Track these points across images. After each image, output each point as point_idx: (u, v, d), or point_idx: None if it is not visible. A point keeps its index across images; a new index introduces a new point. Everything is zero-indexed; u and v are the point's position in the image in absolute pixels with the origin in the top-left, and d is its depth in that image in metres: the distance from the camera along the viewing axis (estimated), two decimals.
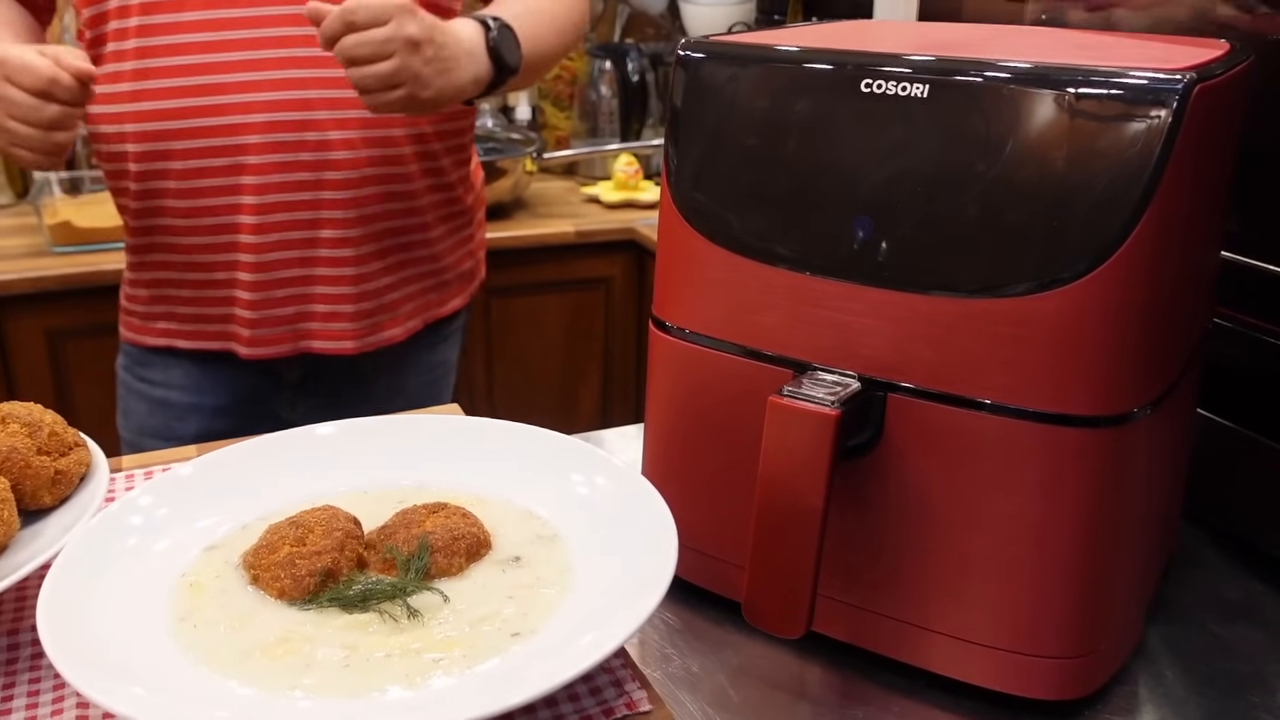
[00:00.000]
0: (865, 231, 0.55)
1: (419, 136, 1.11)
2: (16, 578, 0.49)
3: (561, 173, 2.33)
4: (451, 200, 1.19)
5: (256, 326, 1.07)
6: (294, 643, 0.46)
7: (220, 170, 1.02)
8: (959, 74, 0.53)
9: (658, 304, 0.65)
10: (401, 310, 1.15)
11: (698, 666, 0.61)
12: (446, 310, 1.23)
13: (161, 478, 0.56)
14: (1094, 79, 0.49)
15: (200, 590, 0.51)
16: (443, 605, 0.49)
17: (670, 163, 0.62)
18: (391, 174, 1.09)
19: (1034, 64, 0.51)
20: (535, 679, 0.42)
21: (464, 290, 1.26)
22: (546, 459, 0.60)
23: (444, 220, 1.19)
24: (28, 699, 0.48)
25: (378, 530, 0.54)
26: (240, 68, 1.01)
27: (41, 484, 0.56)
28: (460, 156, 1.20)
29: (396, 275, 1.14)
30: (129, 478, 0.68)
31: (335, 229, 1.07)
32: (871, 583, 0.59)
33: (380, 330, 1.13)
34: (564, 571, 0.52)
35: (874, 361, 0.56)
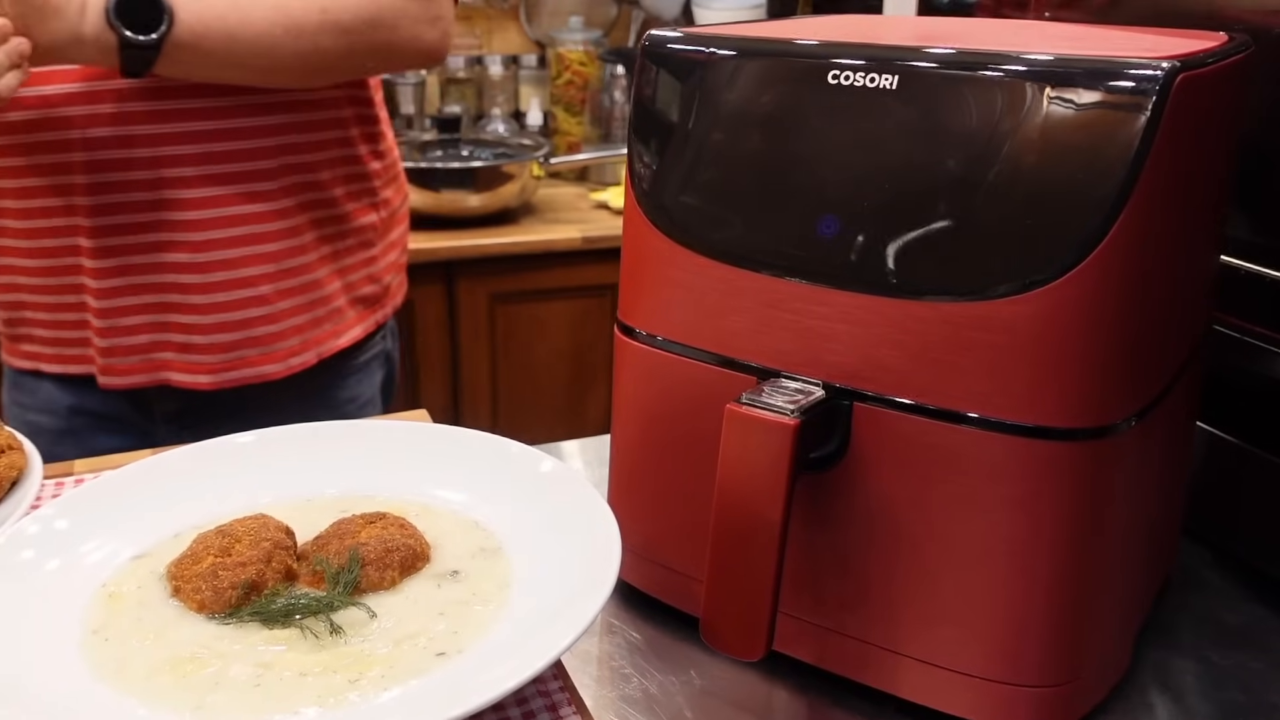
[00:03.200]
0: (832, 231, 0.52)
1: (281, 148, 1.01)
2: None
3: (574, 178, 2.31)
4: (337, 218, 1.08)
5: (110, 355, 1.00)
6: (206, 659, 0.44)
7: (51, 190, 0.95)
8: (929, 63, 0.50)
9: (622, 308, 0.62)
10: (280, 345, 1.05)
11: (656, 688, 0.58)
12: (344, 342, 1.11)
13: (85, 486, 0.54)
14: (1069, 68, 0.46)
15: (119, 601, 0.48)
16: (369, 621, 0.46)
17: (633, 160, 0.59)
18: (247, 193, 1.00)
19: (1007, 52, 0.48)
20: (454, 702, 0.39)
21: (366, 317, 1.14)
22: (499, 467, 0.57)
23: (327, 240, 1.07)
24: None
25: (311, 541, 0.52)
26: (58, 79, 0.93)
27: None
28: (352, 170, 1.09)
29: (271, 306, 1.03)
30: (77, 481, 0.66)
31: (183, 252, 0.98)
32: (839, 603, 0.56)
33: (249, 365, 1.03)
34: (502, 587, 0.49)
35: (840, 368, 0.53)
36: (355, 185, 1.09)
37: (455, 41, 2.37)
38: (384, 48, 0.98)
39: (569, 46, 2.35)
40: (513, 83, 2.43)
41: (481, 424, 2.01)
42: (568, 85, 2.36)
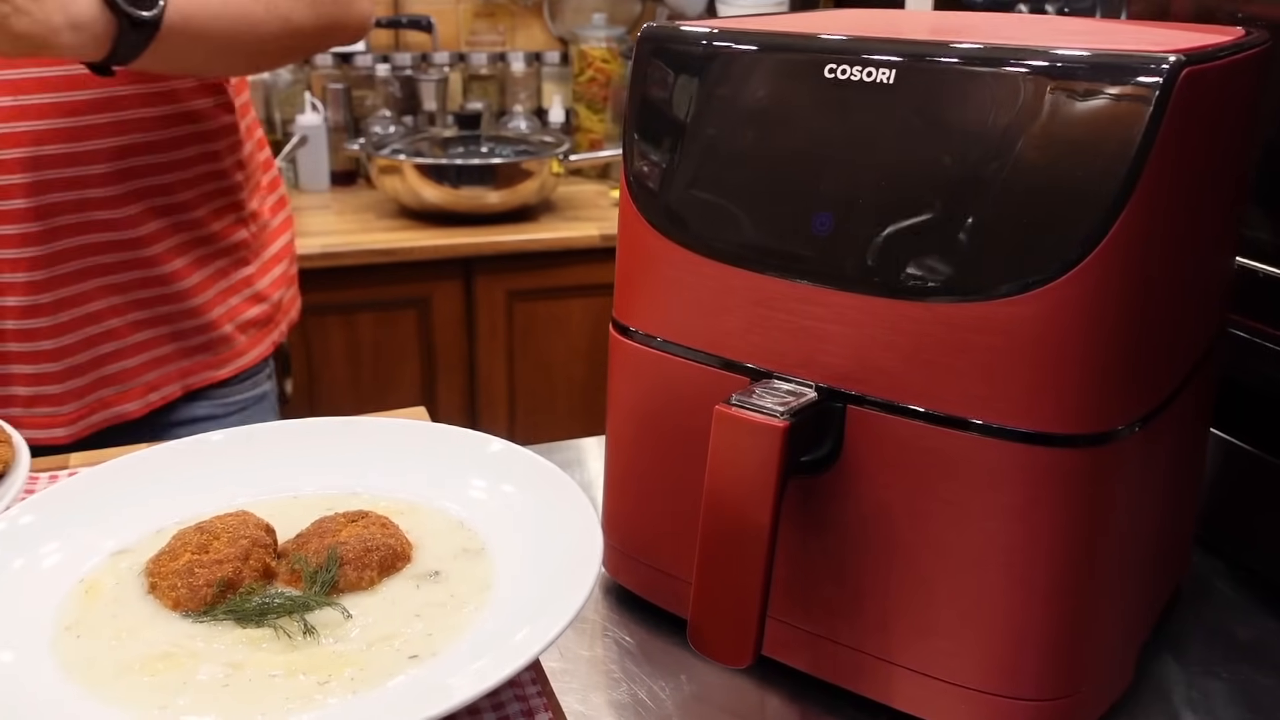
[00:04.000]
0: (826, 229, 0.51)
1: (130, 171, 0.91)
2: None
3: (594, 176, 2.30)
4: (204, 239, 0.98)
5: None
6: (178, 658, 0.43)
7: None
8: (926, 57, 0.48)
9: (617, 307, 0.61)
10: (138, 380, 0.96)
11: (646, 693, 0.57)
12: (225, 373, 1.02)
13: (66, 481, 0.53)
14: (1071, 62, 0.45)
15: (95, 597, 0.48)
16: (344, 622, 0.45)
17: (628, 157, 0.58)
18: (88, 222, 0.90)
19: (1006, 45, 0.46)
20: (422, 706, 0.38)
21: (256, 342, 1.06)
22: (488, 467, 0.56)
23: (198, 264, 0.98)
24: None
25: (293, 539, 0.51)
26: None
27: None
28: (220, 184, 0.99)
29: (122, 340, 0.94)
30: (72, 473, 0.66)
31: (16, 295, 0.88)
32: (832, 610, 0.55)
33: (106, 406, 0.95)
34: (482, 589, 0.48)
35: (834, 370, 0.52)
36: (224, 199, 1.01)
37: (479, 39, 2.38)
38: (339, 21, 0.95)
39: (592, 44, 2.34)
40: (535, 79, 2.42)
41: (498, 420, 2.00)
42: (590, 82, 2.35)
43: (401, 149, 2.03)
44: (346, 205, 2.08)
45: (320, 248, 1.80)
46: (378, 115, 2.24)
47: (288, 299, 1.11)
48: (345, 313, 1.87)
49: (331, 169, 2.18)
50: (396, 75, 2.29)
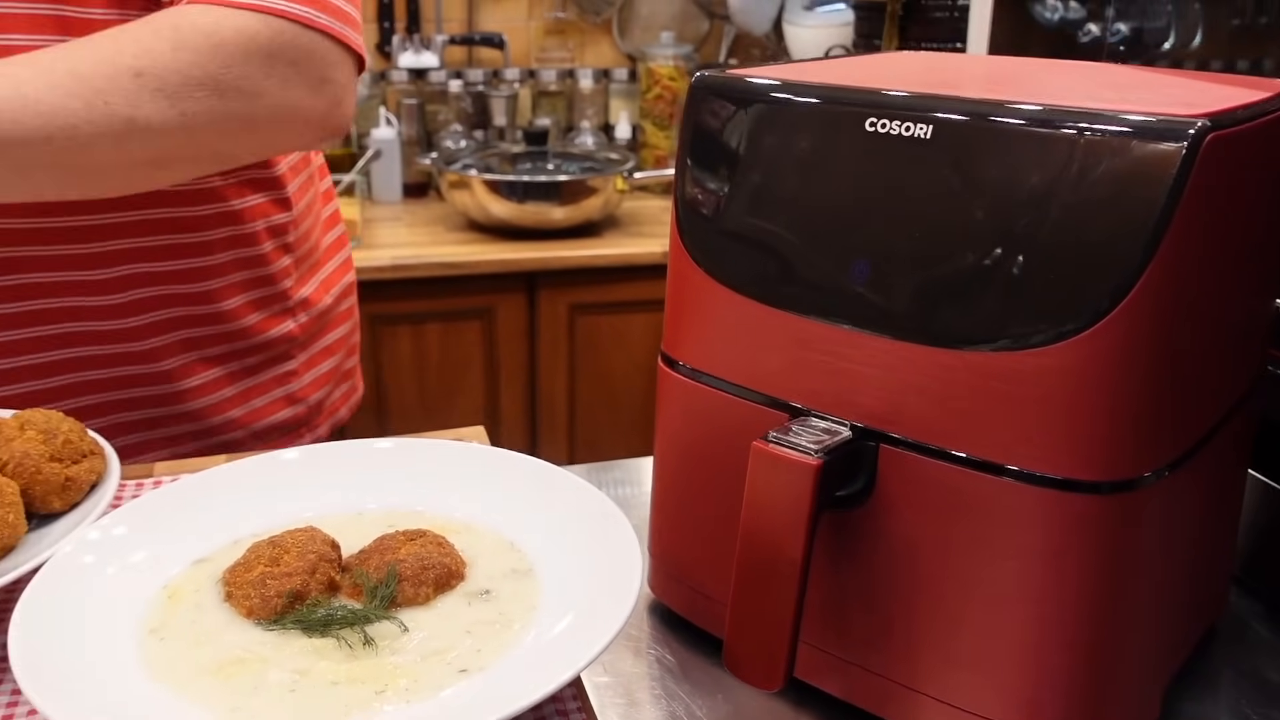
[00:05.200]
0: (863, 276, 0.53)
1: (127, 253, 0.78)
2: (7, 579, 0.51)
3: (659, 192, 2.33)
4: (229, 335, 0.84)
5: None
6: (249, 663, 0.47)
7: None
8: (961, 115, 0.50)
9: (666, 340, 0.64)
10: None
11: (684, 710, 0.60)
12: None
13: (154, 492, 0.58)
14: (1098, 123, 0.46)
15: (177, 603, 0.52)
16: (400, 635, 0.49)
17: (678, 198, 0.61)
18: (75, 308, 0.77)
19: (1038, 106, 0.49)
20: (470, 717, 0.42)
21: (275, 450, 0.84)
22: (540, 490, 0.60)
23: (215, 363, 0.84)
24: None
25: (355, 555, 0.55)
26: None
27: (51, 489, 0.58)
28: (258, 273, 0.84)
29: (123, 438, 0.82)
30: (156, 484, 0.71)
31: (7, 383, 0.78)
32: (862, 639, 0.57)
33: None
34: (529, 609, 0.51)
35: (868, 411, 0.54)
36: (256, 292, 0.86)
37: (548, 55, 2.43)
38: (241, 122, 0.71)
39: (659, 61, 2.38)
40: (603, 96, 2.47)
41: (557, 431, 2.04)
42: (657, 99, 2.39)
43: (471, 164, 2.09)
44: (417, 217, 2.14)
45: (391, 259, 1.86)
46: (449, 130, 2.30)
47: (337, 397, 0.96)
48: (413, 322, 1.93)
49: (404, 181, 2.25)
50: (468, 91, 2.35)
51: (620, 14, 2.46)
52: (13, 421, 0.60)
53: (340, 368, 0.95)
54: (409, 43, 2.31)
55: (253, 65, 0.69)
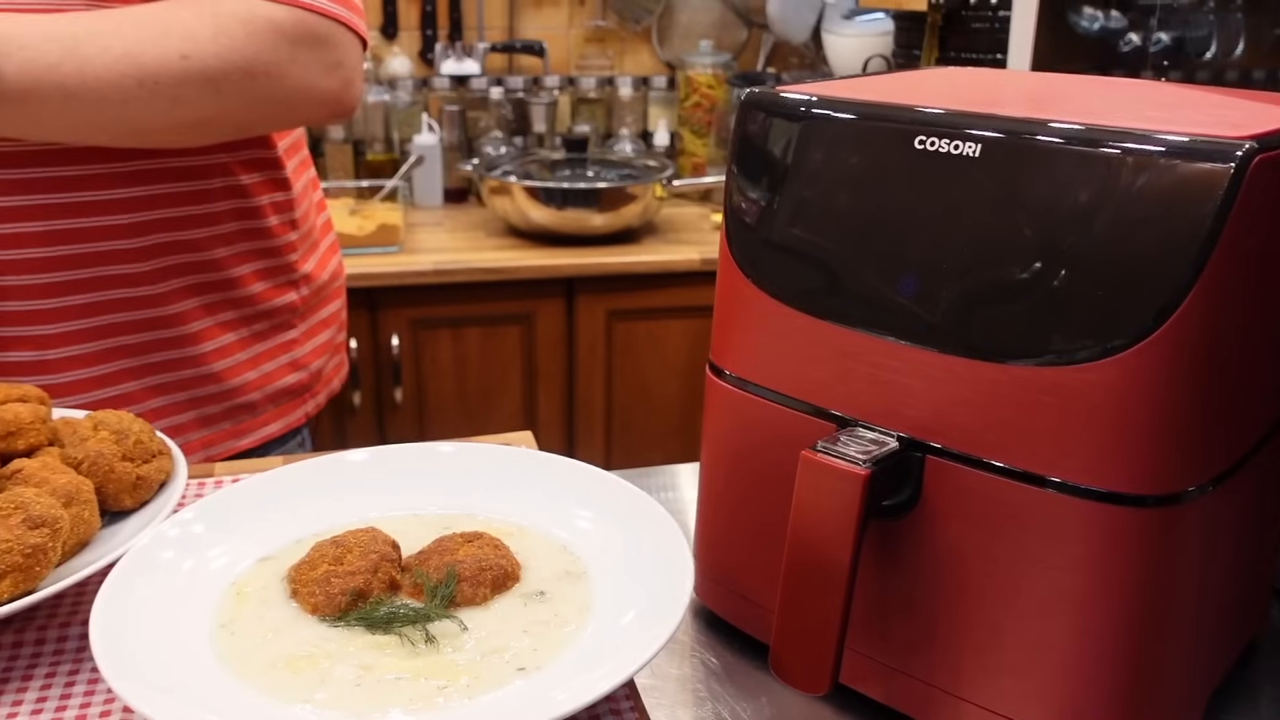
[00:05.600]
0: (910, 290, 0.55)
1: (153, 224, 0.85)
2: (83, 574, 0.53)
3: (696, 198, 2.35)
4: (239, 301, 0.92)
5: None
6: (316, 658, 0.49)
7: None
8: (1010, 134, 0.52)
9: (714, 350, 0.66)
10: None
11: (729, 712, 0.61)
12: (246, 443, 0.96)
13: (220, 492, 0.60)
14: (1144, 144, 0.47)
15: (245, 599, 0.54)
16: (460, 634, 0.51)
17: (728, 211, 0.62)
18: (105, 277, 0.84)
19: (1085, 125, 0.50)
20: (529, 715, 0.44)
21: (287, 411, 0.99)
22: (591, 495, 0.61)
23: (228, 328, 0.92)
24: (64, 685, 0.53)
25: (415, 555, 0.57)
26: None
27: (123, 488, 0.61)
28: (264, 245, 0.93)
29: (139, 406, 0.88)
30: (217, 484, 0.73)
31: (26, 350, 0.84)
32: (906, 645, 0.58)
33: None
34: (582, 610, 0.53)
35: (915, 422, 0.55)
36: (264, 262, 0.93)
37: (587, 62, 2.45)
38: (266, 99, 0.81)
39: (698, 69, 2.40)
40: (642, 103, 2.49)
41: (594, 435, 2.06)
42: (695, 107, 2.40)
43: (511, 170, 2.11)
44: (458, 223, 2.17)
45: (433, 264, 1.89)
46: (490, 136, 2.33)
47: (330, 368, 1.04)
48: (454, 326, 1.95)
49: (445, 186, 2.28)
50: (509, 98, 2.38)
51: (660, 22, 2.48)
52: (86, 422, 0.63)
53: (334, 340, 1.03)
54: (451, 50, 2.35)
55: (281, 51, 0.79)
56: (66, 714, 0.52)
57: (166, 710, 0.43)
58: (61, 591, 0.56)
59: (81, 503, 0.57)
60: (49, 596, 0.53)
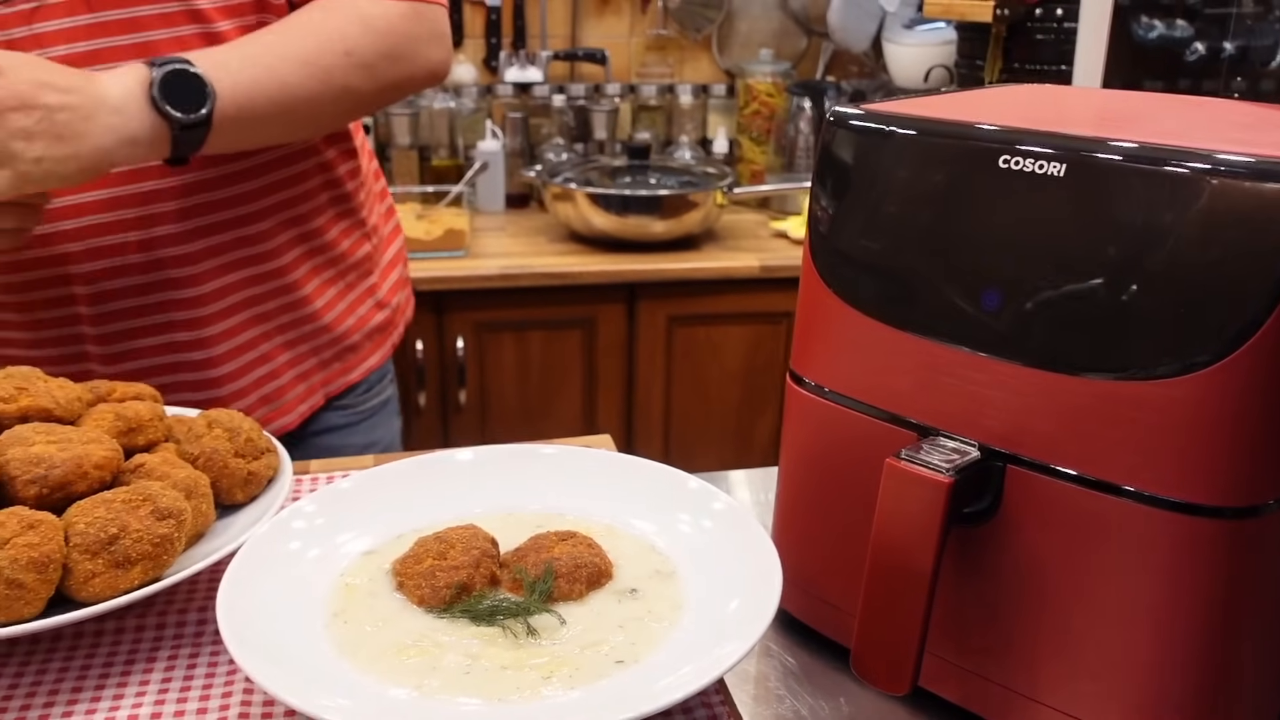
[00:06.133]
0: (993, 304, 0.56)
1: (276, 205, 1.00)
2: (204, 564, 0.57)
3: (755, 206, 2.37)
4: (335, 259, 1.07)
5: None
6: (425, 646, 0.52)
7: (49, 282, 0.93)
8: (1095, 154, 0.53)
9: (795, 359, 0.68)
10: (289, 396, 1.06)
11: (807, 710, 0.63)
12: (356, 376, 1.11)
13: (330, 487, 0.63)
14: (1228, 165, 0.49)
15: (354, 591, 0.57)
16: (559, 627, 0.53)
17: (812, 222, 0.65)
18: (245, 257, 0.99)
19: (1170, 147, 0.51)
20: (630, 705, 0.46)
21: (379, 346, 1.14)
22: (676, 497, 0.64)
23: (331, 282, 1.07)
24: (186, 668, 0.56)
25: (512, 551, 0.59)
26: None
27: (236, 483, 0.64)
28: (344, 206, 1.07)
29: (275, 361, 1.03)
30: (314, 480, 0.77)
31: (186, 330, 0.97)
32: (983, 648, 0.60)
33: (266, 422, 1.03)
34: (675, 608, 0.55)
35: (995, 432, 0.57)
36: (345, 221, 1.08)
37: (648, 70, 2.48)
38: (404, 77, 0.98)
39: (758, 77, 2.41)
40: (701, 111, 2.51)
41: (653, 438, 2.09)
42: (754, 115, 2.42)
43: (573, 177, 2.15)
44: (520, 228, 2.20)
45: (498, 269, 1.93)
46: (551, 142, 2.37)
47: (403, 301, 1.19)
48: (517, 330, 1.99)
49: (507, 192, 2.32)
50: (571, 105, 2.41)
51: (719, 31, 2.50)
52: (200, 420, 0.67)
53: (402, 276, 1.20)
54: (515, 58, 2.39)
55: (415, 39, 0.97)
56: (190, 693, 0.55)
57: (298, 691, 0.46)
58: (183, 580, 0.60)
59: (199, 496, 0.61)
60: (173, 584, 0.56)
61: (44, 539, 0.53)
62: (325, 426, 1.10)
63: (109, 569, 0.54)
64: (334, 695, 0.48)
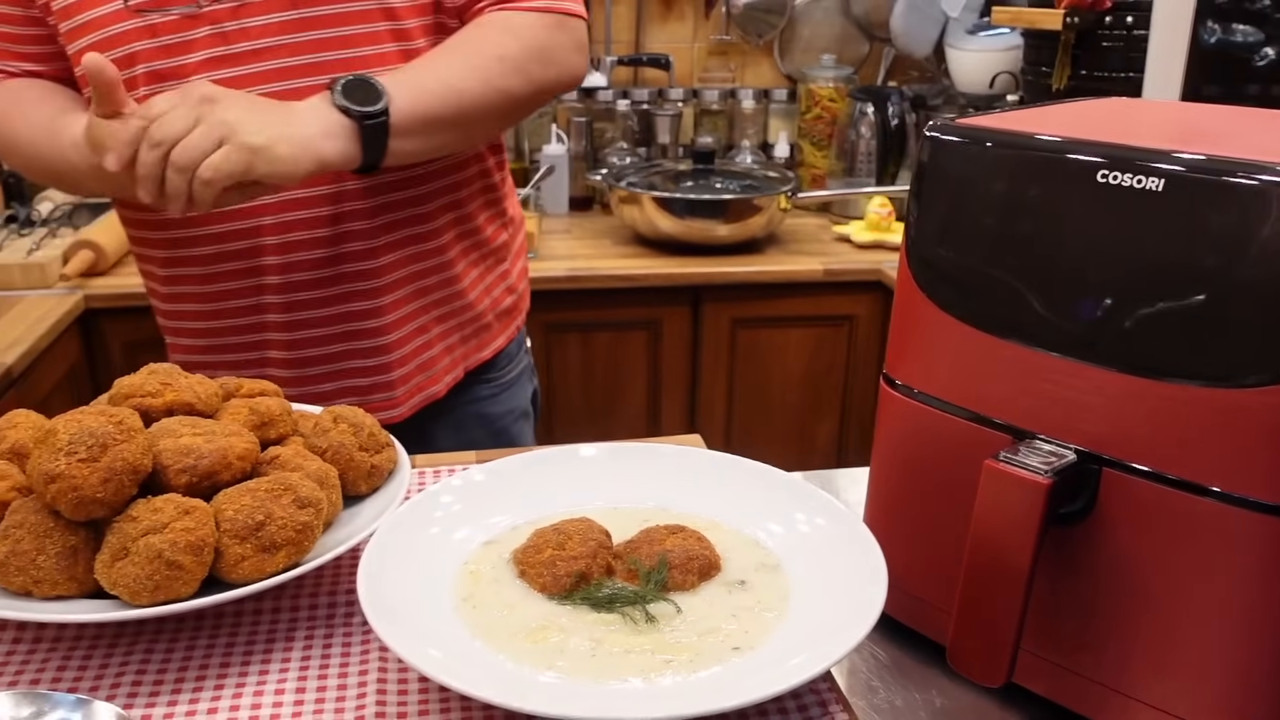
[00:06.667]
0: (1092, 313, 0.59)
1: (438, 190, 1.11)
2: (341, 550, 0.61)
3: (816, 210, 2.38)
4: (481, 244, 1.19)
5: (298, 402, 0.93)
6: (551, 631, 0.56)
7: (240, 254, 1.05)
8: (1196, 171, 0.55)
9: (889, 362, 0.70)
10: (440, 365, 1.16)
11: (901, 701, 0.66)
12: (489, 353, 1.23)
13: (457, 479, 0.67)
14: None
15: (478, 578, 0.61)
16: (675, 615, 0.57)
17: (910, 230, 0.67)
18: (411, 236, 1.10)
19: (1264, 162, 0.53)
20: (750, 689, 0.49)
21: (506, 328, 1.25)
22: (776, 494, 0.67)
23: (475, 264, 1.19)
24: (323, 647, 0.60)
25: (624, 543, 0.63)
26: None
27: (360, 475, 0.68)
28: (490, 196, 1.20)
29: (431, 332, 1.15)
30: (420, 474, 0.81)
31: (361, 301, 1.08)
32: (1075, 644, 0.62)
33: (421, 390, 1.15)
34: (783, 598, 0.58)
35: (1091, 436, 0.59)
36: (493, 208, 1.20)
37: (710, 75, 2.51)
38: (551, 80, 1.08)
39: (820, 83, 2.43)
40: (762, 115, 2.54)
41: (714, 439, 2.12)
42: (816, 120, 2.44)
43: (638, 182, 2.18)
44: (585, 230, 2.24)
45: (565, 270, 1.97)
46: (615, 146, 2.41)
47: (526, 288, 1.31)
48: (583, 331, 2.03)
49: (570, 195, 2.36)
50: (634, 109, 2.45)
51: (781, 36, 2.53)
52: (325, 415, 0.71)
53: (526, 265, 1.31)
54: None
55: (560, 45, 1.07)
56: (329, 669, 0.59)
57: (455, 674, 0.50)
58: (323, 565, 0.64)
59: (329, 487, 0.65)
60: (313, 569, 0.60)
61: (199, 524, 0.57)
62: (473, 397, 1.22)
63: (257, 553, 0.58)
64: (481, 675, 0.51)
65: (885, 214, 2.13)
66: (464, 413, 1.21)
